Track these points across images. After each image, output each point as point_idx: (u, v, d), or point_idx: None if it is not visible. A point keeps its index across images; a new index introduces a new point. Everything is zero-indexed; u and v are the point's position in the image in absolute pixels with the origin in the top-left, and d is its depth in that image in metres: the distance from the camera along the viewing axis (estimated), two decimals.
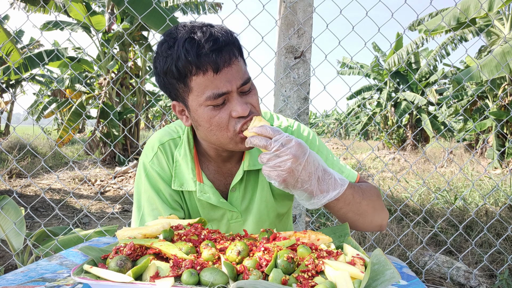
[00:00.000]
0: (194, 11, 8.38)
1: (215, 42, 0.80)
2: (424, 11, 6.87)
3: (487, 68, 5.54)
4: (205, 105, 0.84)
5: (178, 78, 0.83)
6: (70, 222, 2.69)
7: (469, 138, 12.98)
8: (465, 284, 2.64)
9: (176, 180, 1.02)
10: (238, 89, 0.84)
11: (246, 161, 1.01)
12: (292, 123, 1.08)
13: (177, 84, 0.85)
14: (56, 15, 2.92)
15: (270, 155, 0.78)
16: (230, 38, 0.84)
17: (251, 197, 1.06)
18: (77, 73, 10.88)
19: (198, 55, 0.79)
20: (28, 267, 0.86)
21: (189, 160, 1.00)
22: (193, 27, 0.83)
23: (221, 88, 0.82)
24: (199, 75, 0.81)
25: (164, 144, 1.03)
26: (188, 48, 0.80)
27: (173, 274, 0.62)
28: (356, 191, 0.90)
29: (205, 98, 0.83)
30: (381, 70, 15.64)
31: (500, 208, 4.12)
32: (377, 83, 16.55)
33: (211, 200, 1.00)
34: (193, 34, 0.81)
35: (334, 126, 34.29)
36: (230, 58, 0.82)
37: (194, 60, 0.80)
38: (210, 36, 0.80)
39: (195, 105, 0.86)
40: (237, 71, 0.84)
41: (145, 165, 1.03)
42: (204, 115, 0.85)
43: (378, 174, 6.89)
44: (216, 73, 0.81)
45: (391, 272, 0.62)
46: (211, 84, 0.81)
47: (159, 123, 11.37)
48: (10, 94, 15.49)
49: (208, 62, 0.80)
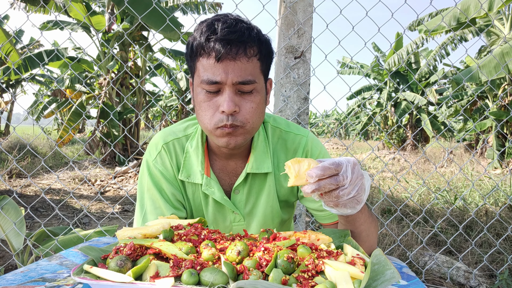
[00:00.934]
0: (194, 11, 8.38)
1: (229, 33, 0.81)
2: (424, 11, 6.86)
3: (486, 69, 5.54)
4: (201, 88, 0.86)
5: (191, 55, 0.88)
6: (70, 222, 2.69)
7: (469, 138, 12.99)
8: (465, 284, 2.64)
9: (184, 171, 1.02)
10: (234, 85, 0.84)
11: (250, 163, 1.00)
12: (306, 133, 1.07)
13: (190, 61, 0.90)
14: (56, 15, 2.92)
15: (348, 188, 0.70)
16: (251, 38, 0.84)
17: (256, 201, 1.05)
18: (77, 73, 10.87)
19: (208, 39, 0.82)
20: (28, 267, 0.86)
21: (200, 152, 1.00)
22: (225, 16, 0.85)
23: (216, 77, 0.83)
24: (204, 58, 0.84)
25: (168, 143, 1.03)
26: (204, 31, 0.83)
27: (173, 274, 0.62)
28: (368, 210, 0.92)
29: (201, 80, 0.85)
30: (381, 70, 15.64)
31: (500, 208, 4.12)
32: (377, 83, 16.55)
33: (215, 195, 1.00)
34: (216, 21, 0.83)
35: (334, 126, 34.29)
36: (237, 53, 0.82)
37: (203, 42, 0.83)
38: (228, 27, 0.82)
39: (195, 84, 0.90)
40: (240, 68, 0.83)
41: (148, 164, 1.03)
42: (199, 96, 0.88)
43: (378, 174, 6.89)
44: (217, 61, 0.82)
45: (391, 272, 0.62)
46: (210, 70, 0.83)
47: (159, 123, 11.38)
48: (10, 94, 15.49)
49: (212, 48, 0.82)
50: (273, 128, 1.06)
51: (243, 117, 0.86)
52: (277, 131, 1.06)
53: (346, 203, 0.73)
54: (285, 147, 1.05)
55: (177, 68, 17.07)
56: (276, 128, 1.06)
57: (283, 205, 1.09)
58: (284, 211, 1.10)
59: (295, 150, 1.05)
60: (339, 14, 2.05)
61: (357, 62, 16.59)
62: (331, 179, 0.69)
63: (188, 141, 1.03)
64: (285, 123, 1.09)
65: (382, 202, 4.48)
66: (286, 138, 1.06)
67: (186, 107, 2.82)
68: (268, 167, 1.01)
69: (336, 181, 0.69)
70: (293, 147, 1.05)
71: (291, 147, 1.05)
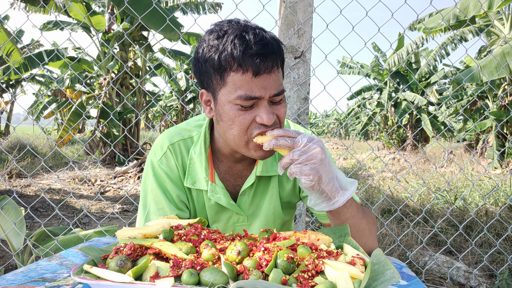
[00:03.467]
0: (194, 11, 8.38)
1: (263, 46, 0.80)
2: (424, 11, 6.86)
3: (487, 69, 5.54)
4: (234, 103, 0.84)
5: (217, 69, 0.83)
6: (70, 222, 2.69)
7: (469, 138, 12.99)
8: (465, 284, 2.64)
9: (189, 178, 1.01)
10: (270, 98, 0.84)
11: (259, 166, 1.01)
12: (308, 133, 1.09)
13: (213, 75, 0.85)
14: (56, 15, 2.92)
15: (300, 151, 0.79)
16: (278, 48, 0.85)
17: (259, 202, 1.06)
18: (77, 73, 10.88)
19: (245, 53, 0.80)
20: (28, 267, 0.86)
21: (203, 159, 1.00)
22: (247, 26, 0.84)
23: (255, 92, 0.82)
24: (238, 73, 0.81)
25: (174, 144, 1.02)
26: (237, 44, 0.80)
27: (173, 274, 0.62)
28: (358, 207, 0.92)
29: (236, 96, 0.82)
30: (381, 70, 15.64)
31: (500, 208, 4.12)
32: (377, 83, 16.55)
33: (221, 201, 1.00)
34: (245, 33, 0.81)
35: (334, 126, 34.29)
36: (272, 66, 0.82)
37: (238, 57, 0.80)
38: (261, 40, 0.81)
39: (224, 100, 0.85)
40: (274, 80, 0.84)
41: (153, 164, 1.02)
42: (230, 112, 0.85)
43: (378, 174, 6.89)
44: (255, 77, 0.81)
45: (391, 272, 0.62)
46: (247, 85, 0.81)
47: (159, 123, 11.37)
48: (10, 94, 15.49)
49: (251, 63, 0.80)
50: None
51: (278, 124, 0.88)
52: None
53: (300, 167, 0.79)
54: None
55: (177, 68, 17.07)
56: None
57: (285, 206, 1.09)
58: (286, 212, 1.10)
59: None
60: (339, 14, 2.05)
61: (357, 62, 16.59)
62: (287, 138, 0.81)
63: (192, 144, 1.03)
64: (287, 124, 1.10)
65: (382, 202, 4.48)
66: None
67: (186, 107, 2.82)
68: (276, 170, 1.02)
69: (292, 142, 0.80)
70: None
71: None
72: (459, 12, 5.48)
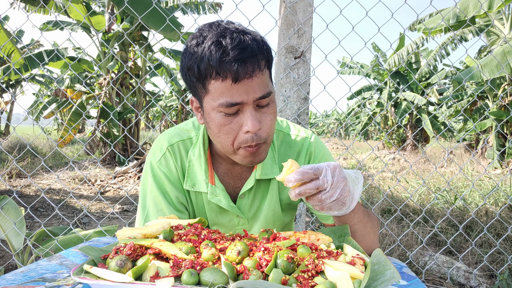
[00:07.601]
0: (194, 11, 8.38)
1: (241, 51, 0.77)
2: (424, 11, 6.87)
3: (487, 68, 5.54)
4: (218, 111, 0.83)
5: (198, 78, 0.82)
6: (70, 222, 2.69)
7: (469, 138, 12.99)
8: (465, 284, 2.64)
9: (189, 180, 1.01)
10: (254, 102, 0.82)
11: (258, 170, 0.99)
12: (310, 135, 1.07)
13: (196, 83, 0.84)
14: (56, 15, 2.93)
15: (330, 192, 0.74)
16: (260, 49, 0.81)
17: (259, 205, 1.05)
18: (77, 73, 10.88)
19: (221, 60, 0.77)
20: (28, 267, 0.86)
21: (202, 161, 0.99)
22: (225, 30, 0.80)
23: (236, 98, 0.80)
24: (217, 80, 0.79)
25: (173, 145, 1.01)
26: (213, 51, 0.77)
27: (173, 274, 0.62)
28: (364, 211, 0.91)
29: (218, 104, 0.81)
30: (381, 70, 15.64)
31: (500, 208, 4.12)
32: (377, 83, 16.55)
33: (222, 203, 0.99)
34: (221, 38, 0.78)
35: (334, 126, 34.29)
36: (253, 70, 0.79)
37: (215, 65, 0.77)
38: (238, 44, 0.78)
39: (208, 108, 0.85)
40: (257, 84, 0.81)
41: (152, 165, 1.01)
42: (216, 120, 0.84)
43: (378, 174, 6.89)
44: (235, 83, 0.78)
45: (391, 272, 0.62)
46: (227, 92, 0.79)
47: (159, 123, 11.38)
48: (10, 94, 15.49)
49: (229, 70, 0.77)
50: (277, 132, 1.05)
51: (265, 133, 0.85)
52: (280, 134, 1.06)
53: (330, 206, 0.75)
54: (288, 150, 1.05)
55: (177, 68, 17.07)
56: (280, 132, 1.06)
57: (286, 208, 1.08)
58: (286, 213, 1.09)
59: (298, 152, 1.05)
60: (339, 14, 2.05)
61: (357, 62, 16.59)
62: (311, 183, 0.73)
63: (191, 146, 1.02)
64: (287, 125, 1.08)
65: (382, 202, 4.48)
66: (289, 141, 1.05)
67: (186, 107, 2.83)
68: (275, 172, 1.00)
69: (316, 185, 0.73)
70: (296, 150, 1.05)
71: (294, 149, 1.05)
72: (459, 12, 5.48)
